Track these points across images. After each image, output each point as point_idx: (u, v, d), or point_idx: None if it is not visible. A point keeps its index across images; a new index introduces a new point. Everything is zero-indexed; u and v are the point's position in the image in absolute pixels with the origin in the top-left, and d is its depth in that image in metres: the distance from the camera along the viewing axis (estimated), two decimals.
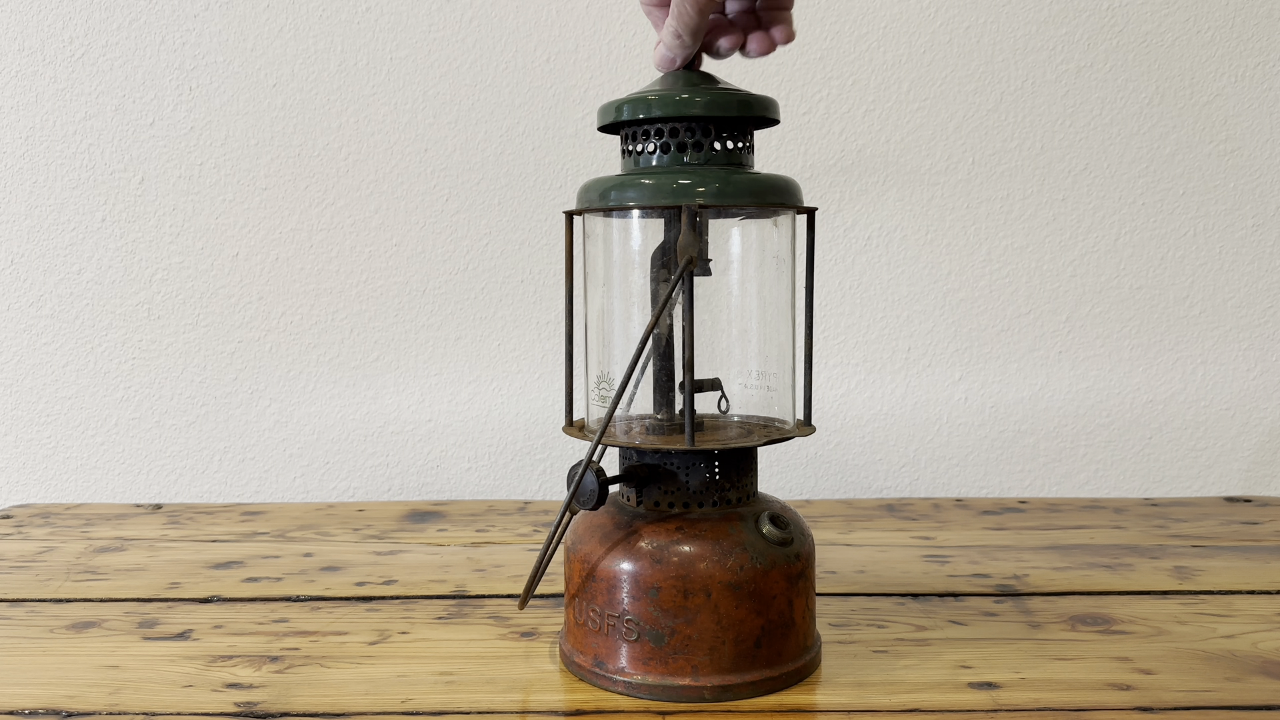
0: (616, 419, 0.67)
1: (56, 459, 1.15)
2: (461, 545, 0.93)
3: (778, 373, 0.67)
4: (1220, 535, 0.93)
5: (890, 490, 1.14)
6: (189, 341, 1.13)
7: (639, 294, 0.65)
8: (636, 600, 0.60)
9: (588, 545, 0.63)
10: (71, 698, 0.62)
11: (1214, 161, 1.10)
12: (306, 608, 0.77)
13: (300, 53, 1.09)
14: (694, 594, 0.60)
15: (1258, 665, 0.65)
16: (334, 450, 1.14)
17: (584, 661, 0.63)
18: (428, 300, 1.12)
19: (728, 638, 0.60)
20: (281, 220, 1.12)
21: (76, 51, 1.10)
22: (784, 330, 0.67)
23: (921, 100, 1.10)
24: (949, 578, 0.82)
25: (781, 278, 0.67)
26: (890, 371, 1.13)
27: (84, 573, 0.86)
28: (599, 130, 0.65)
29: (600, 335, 0.67)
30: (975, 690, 0.62)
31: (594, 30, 1.09)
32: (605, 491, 0.61)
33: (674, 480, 0.63)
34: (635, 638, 0.61)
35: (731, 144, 0.62)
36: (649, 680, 0.61)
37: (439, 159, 1.11)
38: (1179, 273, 1.12)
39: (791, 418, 0.67)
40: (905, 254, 1.11)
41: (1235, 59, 1.09)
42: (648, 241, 0.65)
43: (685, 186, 0.59)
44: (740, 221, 0.67)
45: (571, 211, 0.66)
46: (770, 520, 0.62)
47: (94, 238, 1.12)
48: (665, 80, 0.63)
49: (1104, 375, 1.13)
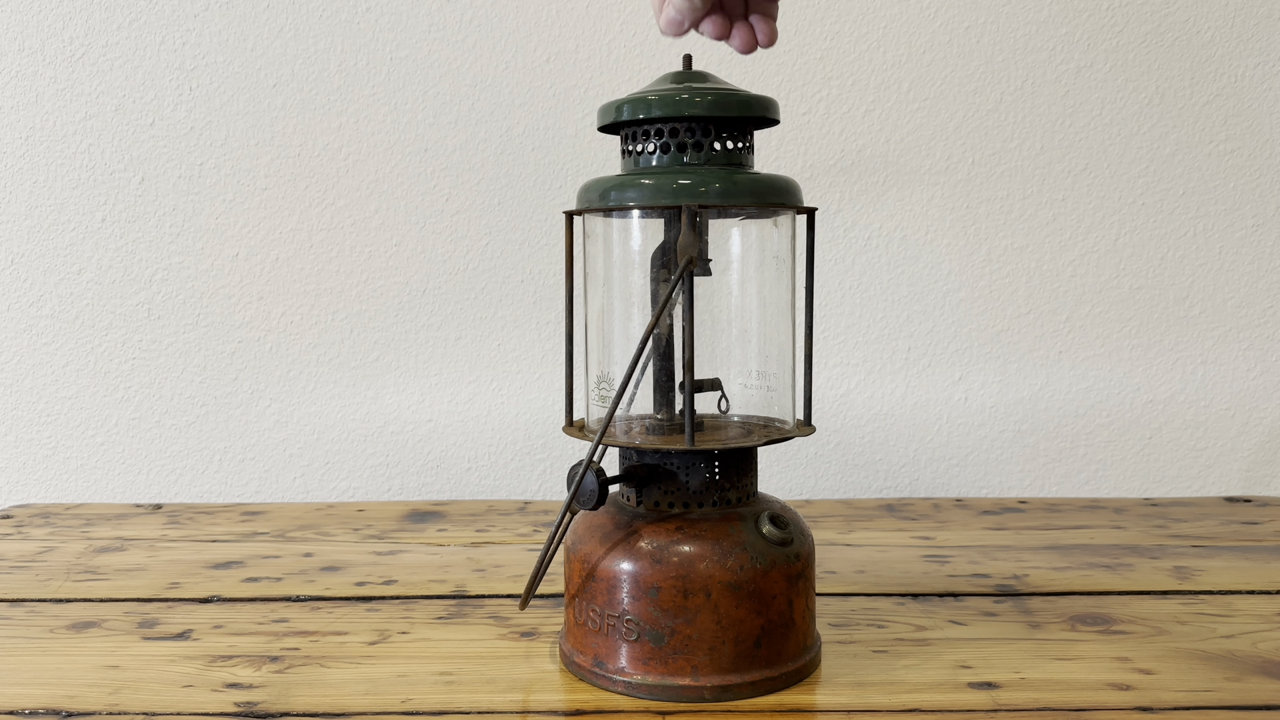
0: (616, 419, 0.67)
1: (56, 459, 1.15)
2: (461, 545, 0.93)
3: (778, 373, 0.67)
4: (1220, 535, 0.93)
5: (890, 490, 1.14)
6: (189, 341, 1.13)
7: (639, 294, 0.65)
8: (636, 600, 0.60)
9: (588, 545, 0.63)
10: (71, 698, 0.62)
11: (1214, 161, 1.10)
12: (306, 608, 0.77)
13: (300, 53, 1.09)
14: (694, 594, 0.60)
15: (1258, 665, 0.65)
16: (334, 450, 1.14)
17: (584, 661, 0.63)
18: (428, 300, 1.12)
19: (728, 638, 0.60)
20: (281, 220, 1.12)
21: (76, 51, 1.10)
22: (784, 330, 0.67)
23: (921, 100, 1.10)
24: (949, 578, 0.82)
25: (781, 278, 0.67)
26: (890, 371, 1.13)
27: (84, 573, 0.86)
28: (599, 130, 0.65)
29: (600, 335, 0.67)
30: (975, 690, 0.62)
31: (594, 30, 1.09)
32: (605, 491, 0.61)
33: (674, 480, 0.63)
34: (635, 638, 0.61)
35: (731, 144, 0.62)
36: (649, 680, 0.61)
37: (439, 159, 1.11)
38: (1179, 273, 1.12)
39: (791, 418, 0.67)
40: (905, 254, 1.11)
41: (1235, 59, 1.09)
42: (648, 241, 0.65)
43: (685, 186, 0.59)
44: (740, 221, 0.67)
45: (571, 211, 0.66)
46: (770, 520, 0.62)
47: (94, 238, 1.12)
48: (665, 80, 0.63)
49: (1104, 375, 1.13)
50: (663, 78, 0.64)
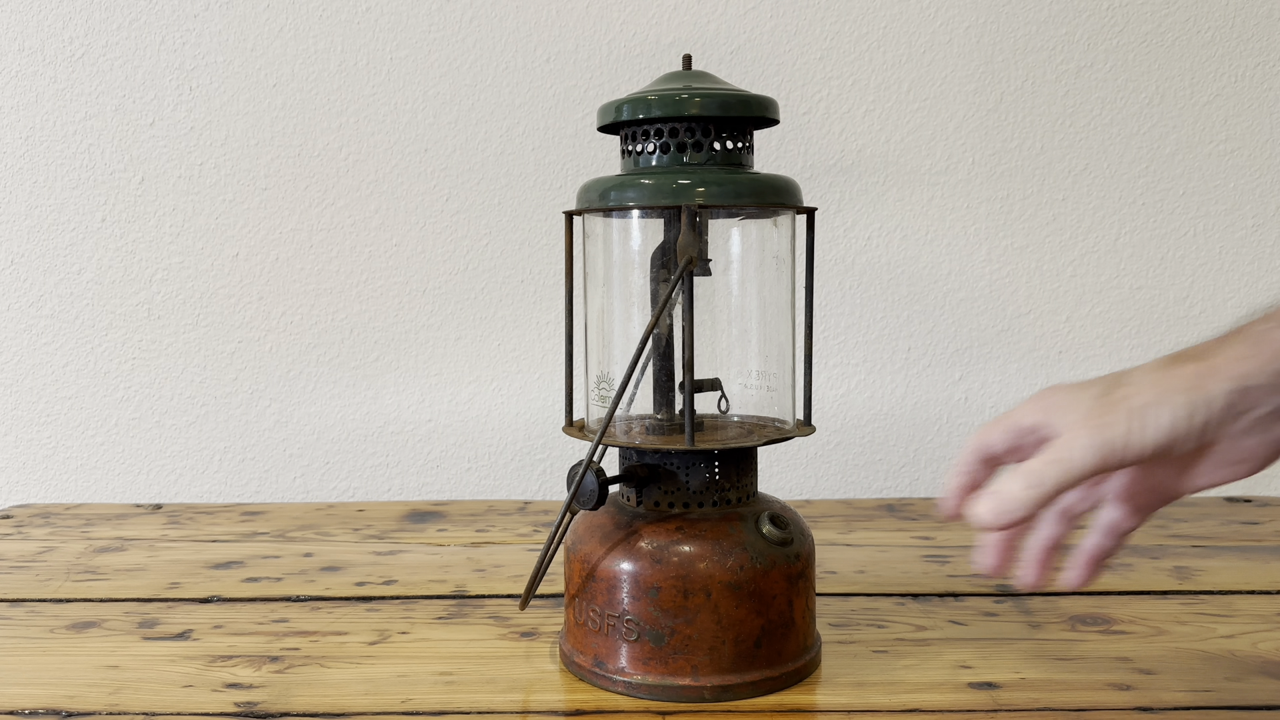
0: (617, 419, 0.67)
1: (56, 459, 1.15)
2: (461, 545, 0.93)
3: (778, 372, 0.67)
4: (1220, 535, 0.93)
5: (890, 490, 1.14)
6: (189, 341, 1.13)
7: (639, 294, 0.65)
8: (636, 600, 0.60)
9: (588, 545, 0.63)
10: (71, 698, 0.62)
11: (1214, 161, 1.10)
12: (306, 608, 0.77)
13: (300, 53, 1.09)
14: (694, 594, 0.60)
15: (1258, 665, 0.65)
16: (334, 450, 1.14)
17: (584, 661, 0.63)
18: (428, 300, 1.12)
19: (728, 638, 0.60)
20: (281, 220, 1.11)
21: (76, 51, 1.10)
22: (784, 330, 0.67)
23: (921, 100, 1.10)
24: (949, 578, 0.82)
25: (781, 278, 0.67)
26: (890, 371, 1.13)
27: (84, 573, 0.86)
28: (599, 130, 0.65)
29: (600, 335, 0.67)
30: (975, 690, 0.62)
31: (594, 30, 1.09)
32: (605, 492, 0.61)
33: (674, 480, 0.63)
34: (635, 638, 0.61)
35: (731, 144, 0.62)
36: (649, 680, 0.61)
37: (439, 159, 1.11)
38: (1179, 273, 1.12)
39: (791, 418, 0.67)
40: (905, 254, 1.11)
41: (1235, 59, 1.09)
42: (647, 241, 0.65)
43: (685, 186, 0.59)
44: (740, 221, 0.67)
45: (571, 211, 0.66)
46: (770, 520, 0.62)
47: (94, 238, 1.12)
48: (664, 80, 0.63)
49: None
50: (663, 77, 0.64)
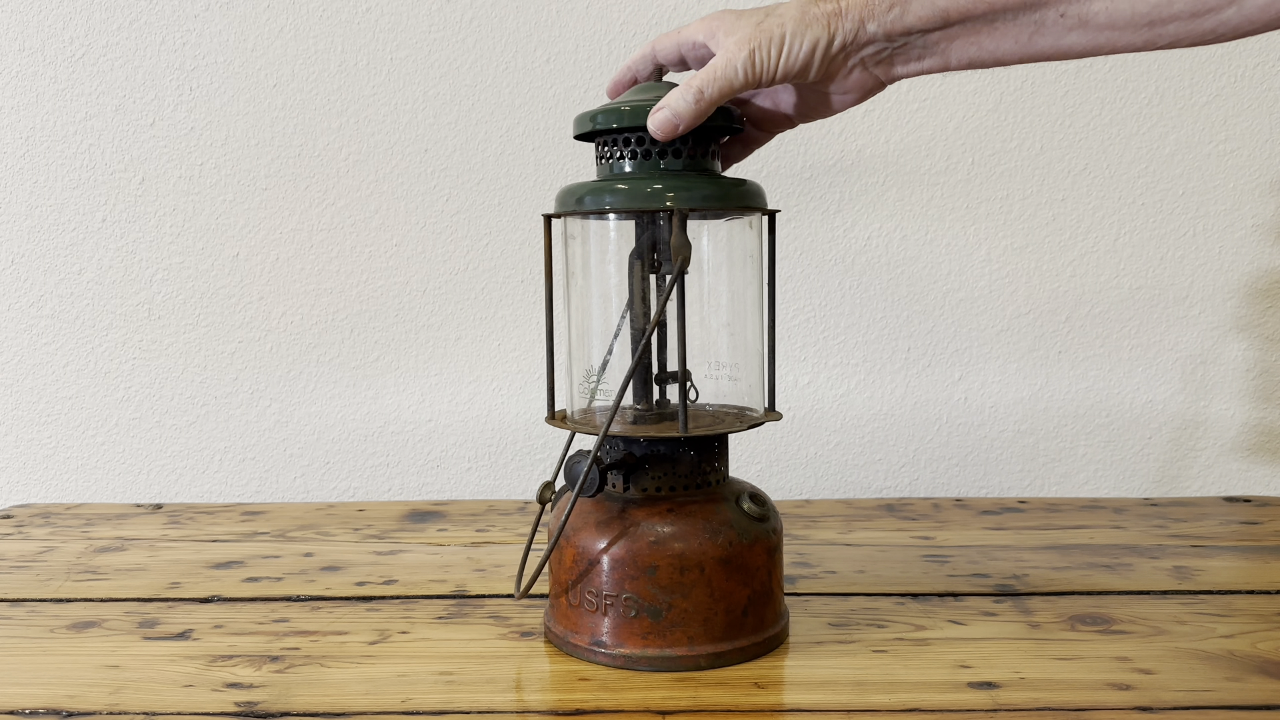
0: (597, 410, 0.72)
1: (56, 459, 1.15)
2: (461, 545, 0.93)
3: (742, 364, 0.72)
4: (1220, 535, 0.93)
5: (890, 490, 1.14)
6: (189, 341, 1.13)
7: (617, 292, 0.70)
8: (635, 579, 0.64)
9: (583, 532, 0.66)
10: (71, 698, 0.62)
11: (1214, 161, 1.10)
12: (307, 608, 0.77)
13: (300, 53, 1.09)
14: (690, 570, 0.64)
15: (1257, 665, 0.65)
16: (334, 450, 1.14)
17: (580, 641, 0.66)
18: (428, 300, 1.12)
19: (719, 609, 0.65)
20: (281, 220, 1.12)
21: (76, 51, 1.10)
22: (751, 324, 0.72)
23: (921, 100, 1.10)
24: (949, 577, 0.82)
25: (748, 276, 0.71)
26: (890, 371, 1.13)
27: (84, 573, 0.86)
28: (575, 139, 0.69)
29: (582, 332, 0.72)
30: (975, 690, 0.62)
31: (594, 30, 1.09)
32: (605, 479, 0.66)
33: (662, 466, 0.67)
34: (634, 614, 0.64)
35: (699, 150, 0.66)
36: (648, 653, 0.64)
37: (439, 159, 1.11)
38: (1179, 273, 1.12)
39: (760, 405, 0.72)
40: (905, 254, 1.11)
41: (1235, 59, 1.09)
42: (623, 244, 0.70)
43: (658, 191, 0.64)
44: (710, 223, 0.71)
45: (550, 215, 0.70)
46: (750, 498, 0.68)
47: (94, 238, 1.12)
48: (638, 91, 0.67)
49: (1104, 375, 1.13)
50: (638, 88, 0.67)
